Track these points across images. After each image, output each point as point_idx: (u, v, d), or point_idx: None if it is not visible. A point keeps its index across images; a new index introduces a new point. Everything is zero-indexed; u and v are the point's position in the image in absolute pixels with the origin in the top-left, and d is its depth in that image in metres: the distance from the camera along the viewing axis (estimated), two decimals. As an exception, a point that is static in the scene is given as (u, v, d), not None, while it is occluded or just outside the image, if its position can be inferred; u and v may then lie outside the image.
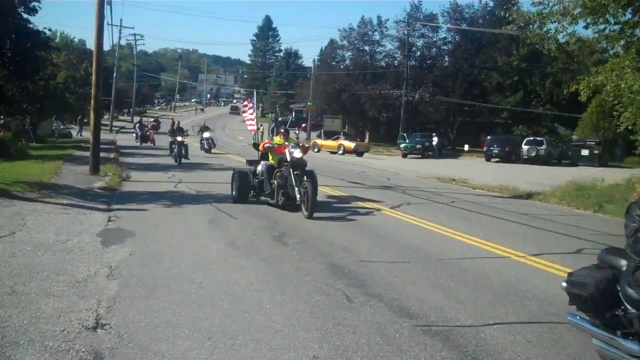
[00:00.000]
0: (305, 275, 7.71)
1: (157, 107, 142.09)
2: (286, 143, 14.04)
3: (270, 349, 5.17)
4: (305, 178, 12.86)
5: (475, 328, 6.01)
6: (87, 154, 21.35)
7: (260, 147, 14.93)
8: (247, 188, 14.44)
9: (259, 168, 14.54)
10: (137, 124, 49.46)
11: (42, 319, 5.63)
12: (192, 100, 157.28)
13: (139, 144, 42.18)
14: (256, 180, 14.46)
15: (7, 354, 4.79)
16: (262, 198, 14.28)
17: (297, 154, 13.29)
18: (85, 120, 57.75)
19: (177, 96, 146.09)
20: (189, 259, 8.43)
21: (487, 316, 6.42)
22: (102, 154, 21.93)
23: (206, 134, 38.27)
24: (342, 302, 6.65)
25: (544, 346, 5.63)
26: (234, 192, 14.54)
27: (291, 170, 13.15)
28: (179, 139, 27.03)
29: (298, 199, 12.73)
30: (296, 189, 12.83)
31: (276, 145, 14.37)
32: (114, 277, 7.24)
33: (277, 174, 13.67)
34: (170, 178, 20.06)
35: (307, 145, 13.49)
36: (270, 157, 14.66)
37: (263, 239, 10.26)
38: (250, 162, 15.80)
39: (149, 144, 42.65)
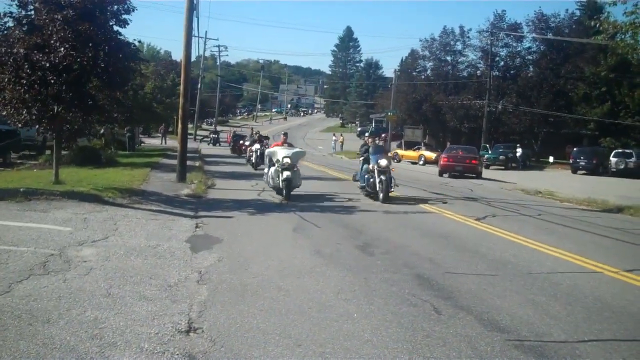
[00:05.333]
0: (392, 285, 7.64)
1: (239, 117, 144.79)
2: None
3: (360, 359, 5.15)
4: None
5: (570, 344, 5.81)
6: (174, 161, 21.93)
7: None
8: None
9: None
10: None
11: (137, 321, 5.80)
12: (273, 110, 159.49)
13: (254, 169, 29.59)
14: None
15: (105, 354, 4.95)
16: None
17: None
18: (170, 130, 59.34)
19: (259, 106, 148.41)
20: (275, 266, 8.52)
21: (581, 332, 6.21)
22: (187, 162, 22.45)
23: (256, 146, 30.79)
24: (430, 313, 6.55)
25: (643, 365, 5.41)
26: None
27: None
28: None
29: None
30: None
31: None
32: (204, 282, 7.39)
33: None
34: (254, 186, 20.34)
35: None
36: None
37: (348, 248, 10.24)
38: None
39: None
